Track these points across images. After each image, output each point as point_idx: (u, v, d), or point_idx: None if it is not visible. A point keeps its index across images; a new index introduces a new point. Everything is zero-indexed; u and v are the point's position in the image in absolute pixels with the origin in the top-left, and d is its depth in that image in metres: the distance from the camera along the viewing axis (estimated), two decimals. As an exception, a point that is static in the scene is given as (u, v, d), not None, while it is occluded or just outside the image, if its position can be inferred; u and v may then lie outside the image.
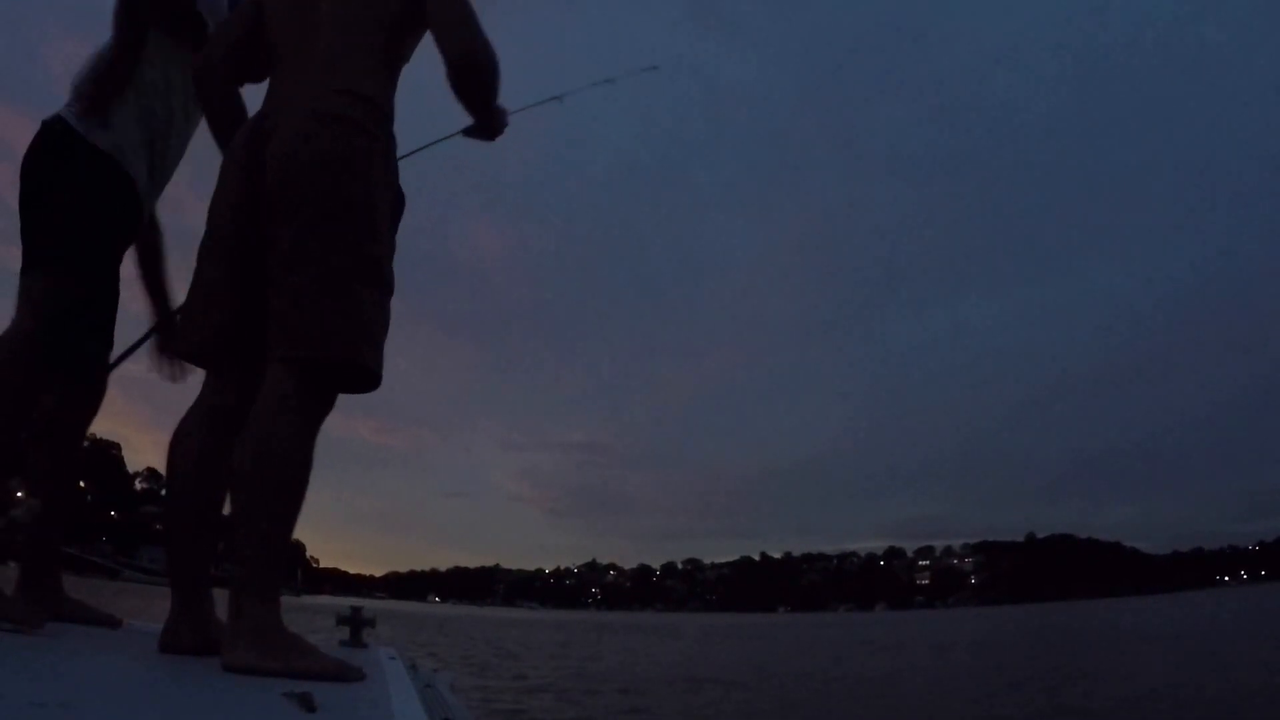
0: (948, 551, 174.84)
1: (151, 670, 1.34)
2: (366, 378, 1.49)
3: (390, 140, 1.57)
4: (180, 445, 1.57)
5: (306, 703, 1.11)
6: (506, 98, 1.68)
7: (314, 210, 1.42)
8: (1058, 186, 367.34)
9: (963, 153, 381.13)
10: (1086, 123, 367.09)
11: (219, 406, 1.58)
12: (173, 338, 1.81)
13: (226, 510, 1.54)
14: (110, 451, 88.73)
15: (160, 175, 1.83)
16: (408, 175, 1.65)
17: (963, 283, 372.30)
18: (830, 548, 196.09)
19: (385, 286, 1.51)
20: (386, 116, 1.57)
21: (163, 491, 1.67)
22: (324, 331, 1.41)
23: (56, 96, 1.73)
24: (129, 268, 1.93)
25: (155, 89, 1.75)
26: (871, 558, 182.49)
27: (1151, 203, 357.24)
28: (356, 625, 2.11)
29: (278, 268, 1.43)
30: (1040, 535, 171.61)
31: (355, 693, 1.31)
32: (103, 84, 1.65)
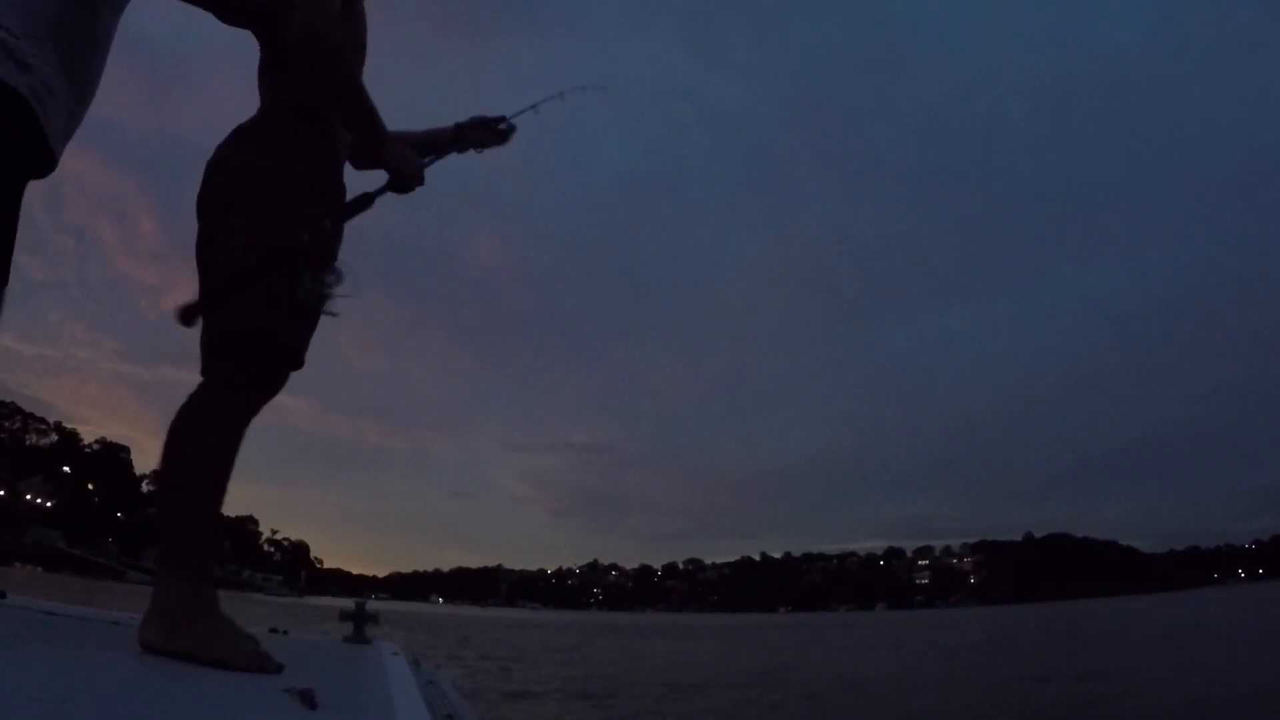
0: (947, 551, 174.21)
1: (151, 665, 1.33)
2: (277, 348, 1.54)
3: (299, 126, 1.65)
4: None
5: (308, 699, 1.11)
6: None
7: (214, 204, 1.59)
8: (1038, 198, 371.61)
9: (946, 169, 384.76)
10: (1063, 138, 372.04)
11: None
12: None
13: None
14: (119, 454, 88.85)
15: (78, 114, 1.63)
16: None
17: (951, 290, 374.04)
18: (830, 548, 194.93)
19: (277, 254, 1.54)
20: (294, 112, 1.66)
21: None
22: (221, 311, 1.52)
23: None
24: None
25: (79, 30, 1.57)
26: (871, 558, 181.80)
27: (1130, 211, 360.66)
28: (359, 621, 2.11)
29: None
30: (1038, 534, 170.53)
31: (358, 689, 1.31)
32: None
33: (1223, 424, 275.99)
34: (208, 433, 1.48)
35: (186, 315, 1.53)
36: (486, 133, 1.98)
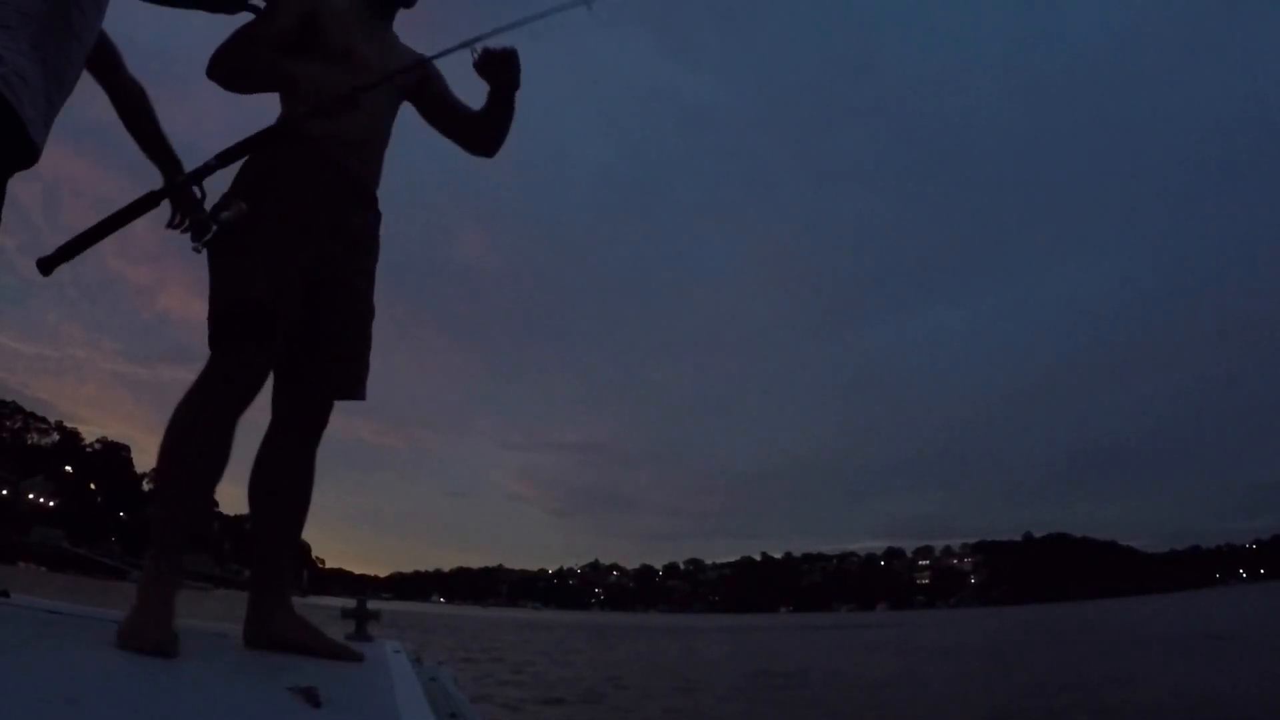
0: (947, 551, 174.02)
1: (155, 664, 1.34)
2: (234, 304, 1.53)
3: (272, 136, 1.69)
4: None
5: (311, 697, 1.12)
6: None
7: None
8: (1018, 194, 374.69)
9: (925, 165, 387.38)
10: (1040, 133, 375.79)
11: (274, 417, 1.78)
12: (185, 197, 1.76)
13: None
14: (120, 453, 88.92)
15: (57, 102, 1.62)
16: (407, 180, 1.72)
17: (936, 287, 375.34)
18: (830, 548, 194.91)
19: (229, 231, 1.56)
20: (282, 118, 1.74)
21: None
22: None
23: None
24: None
25: (52, 19, 1.55)
26: (871, 558, 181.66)
27: (1112, 207, 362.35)
28: (361, 618, 2.12)
29: None
30: (1037, 534, 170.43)
31: (360, 686, 1.31)
32: None
33: (1222, 421, 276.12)
34: (175, 421, 1.49)
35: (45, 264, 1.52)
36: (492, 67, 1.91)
